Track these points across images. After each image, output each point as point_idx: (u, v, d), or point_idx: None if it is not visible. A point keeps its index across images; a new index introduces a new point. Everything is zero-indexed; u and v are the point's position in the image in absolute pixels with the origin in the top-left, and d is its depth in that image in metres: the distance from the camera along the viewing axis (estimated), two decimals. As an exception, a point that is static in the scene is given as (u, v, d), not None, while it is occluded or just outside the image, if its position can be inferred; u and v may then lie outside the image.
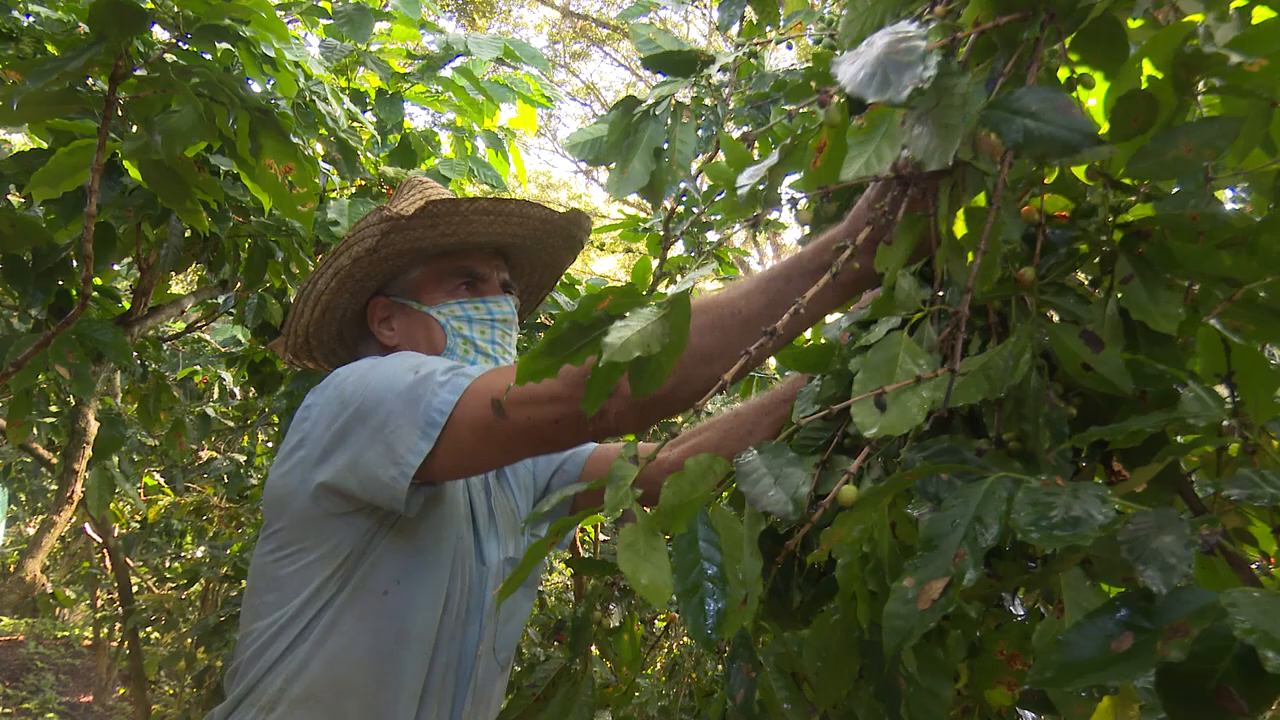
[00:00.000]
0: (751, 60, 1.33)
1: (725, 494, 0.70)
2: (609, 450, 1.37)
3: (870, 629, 0.65)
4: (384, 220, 1.22)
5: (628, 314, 0.64)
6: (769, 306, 0.86)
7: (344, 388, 1.11)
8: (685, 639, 3.07)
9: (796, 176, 0.88)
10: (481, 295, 1.28)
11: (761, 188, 0.84)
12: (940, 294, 0.75)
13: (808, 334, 1.00)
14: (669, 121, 0.96)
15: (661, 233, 2.25)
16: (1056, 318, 0.72)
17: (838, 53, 0.65)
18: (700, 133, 1.58)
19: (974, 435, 0.72)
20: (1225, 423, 0.68)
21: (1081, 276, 0.78)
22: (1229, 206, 0.69)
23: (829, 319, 0.94)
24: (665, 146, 0.99)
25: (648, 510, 0.63)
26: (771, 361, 2.07)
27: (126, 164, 1.79)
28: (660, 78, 1.10)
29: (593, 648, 1.06)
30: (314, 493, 1.10)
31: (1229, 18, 0.67)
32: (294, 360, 1.37)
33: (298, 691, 1.11)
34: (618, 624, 1.05)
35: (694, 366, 0.86)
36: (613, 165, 0.99)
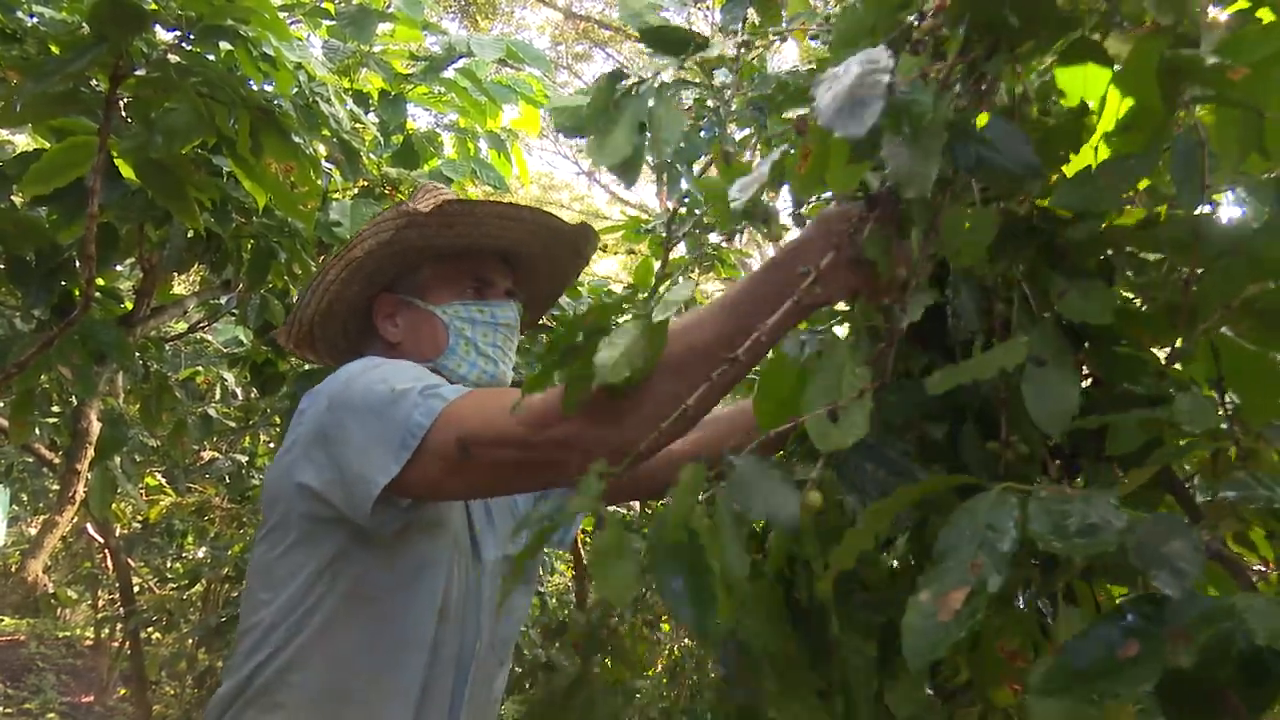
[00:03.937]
0: (754, 62, 1.33)
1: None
2: None
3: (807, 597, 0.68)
4: (400, 215, 1.24)
5: (613, 330, 0.76)
6: (730, 335, 0.82)
7: (331, 395, 1.12)
8: (686, 640, 3.07)
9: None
10: (486, 299, 1.29)
11: (761, 199, 0.84)
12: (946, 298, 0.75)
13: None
14: (652, 101, 0.95)
15: (664, 234, 2.24)
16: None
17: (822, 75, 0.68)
18: (703, 134, 1.57)
19: (987, 436, 0.73)
20: (1222, 426, 0.68)
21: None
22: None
23: (789, 337, 0.92)
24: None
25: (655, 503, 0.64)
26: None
27: (120, 162, 1.78)
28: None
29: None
30: (296, 493, 1.13)
31: (1215, 25, 0.67)
32: (293, 349, 1.38)
33: (295, 697, 1.12)
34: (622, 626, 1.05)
35: (663, 406, 0.81)
36: (592, 135, 0.97)
